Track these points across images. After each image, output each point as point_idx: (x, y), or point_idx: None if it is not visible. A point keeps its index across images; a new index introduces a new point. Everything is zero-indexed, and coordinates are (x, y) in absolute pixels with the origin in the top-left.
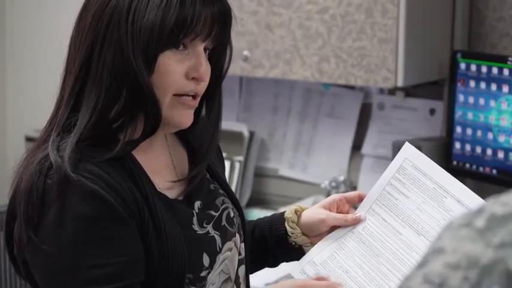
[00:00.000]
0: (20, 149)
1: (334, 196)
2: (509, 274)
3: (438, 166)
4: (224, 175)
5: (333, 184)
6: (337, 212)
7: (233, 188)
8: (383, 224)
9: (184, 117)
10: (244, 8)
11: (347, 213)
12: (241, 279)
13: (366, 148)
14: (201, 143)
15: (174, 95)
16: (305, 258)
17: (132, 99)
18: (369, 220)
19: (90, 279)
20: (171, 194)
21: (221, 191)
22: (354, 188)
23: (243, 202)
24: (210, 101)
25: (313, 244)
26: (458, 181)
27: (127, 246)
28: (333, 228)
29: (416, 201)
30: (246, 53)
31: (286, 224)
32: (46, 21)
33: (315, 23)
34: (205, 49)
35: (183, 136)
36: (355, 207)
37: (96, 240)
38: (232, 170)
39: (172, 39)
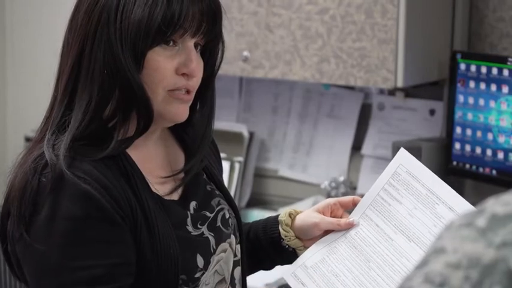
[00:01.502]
0: (20, 150)
1: (329, 200)
2: (511, 274)
3: (432, 173)
4: (221, 176)
5: (333, 184)
6: (331, 216)
7: (233, 188)
8: (375, 230)
9: (179, 111)
10: (244, 9)
11: (341, 217)
12: (237, 281)
13: (366, 149)
14: (194, 138)
15: (168, 90)
16: (297, 262)
17: (124, 97)
18: (361, 225)
19: (77, 279)
20: (166, 190)
21: (217, 192)
22: (354, 189)
23: (243, 203)
24: (203, 96)
25: (306, 247)
26: (451, 188)
27: (116, 249)
28: (326, 232)
29: (409, 207)
30: (246, 53)
31: (279, 227)
32: (46, 21)
33: (315, 24)
34: (197, 45)
35: (179, 134)
36: (349, 212)
37: (86, 241)
38: (232, 171)
39: (161, 36)
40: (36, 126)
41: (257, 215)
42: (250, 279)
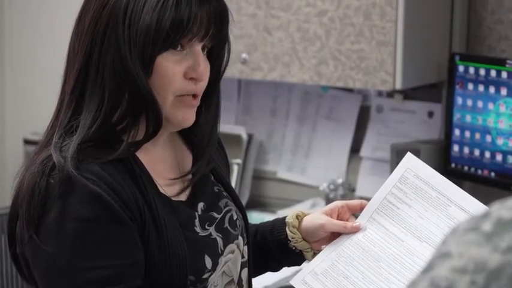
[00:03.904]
0: (19, 152)
1: (337, 203)
2: None
3: (441, 175)
4: (229, 178)
5: (331, 187)
6: (337, 219)
7: None
8: (384, 232)
9: (187, 116)
10: (242, 11)
11: (347, 221)
12: (244, 282)
13: (365, 151)
14: (202, 139)
15: (176, 96)
16: (306, 269)
17: (134, 102)
18: (369, 229)
19: (87, 280)
20: (174, 192)
21: (225, 194)
22: (352, 191)
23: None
24: (209, 98)
25: (313, 249)
26: (462, 190)
27: (126, 249)
28: (333, 234)
29: (419, 209)
30: (244, 55)
31: (286, 229)
32: (45, 24)
33: (313, 26)
34: (204, 47)
35: (186, 136)
36: (356, 216)
37: (95, 242)
38: (230, 173)
39: (169, 41)
40: (35, 128)
41: (256, 217)
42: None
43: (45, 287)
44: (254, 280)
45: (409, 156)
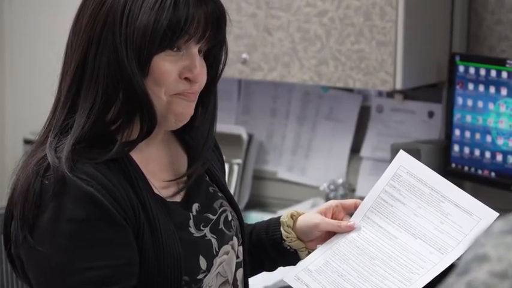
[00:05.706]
0: (19, 152)
1: (331, 202)
2: None
3: (434, 172)
4: (224, 178)
5: (332, 187)
6: (332, 218)
7: (232, 190)
8: (378, 230)
9: (184, 110)
10: (242, 11)
11: (342, 220)
12: (239, 282)
13: (365, 151)
14: (197, 141)
15: (170, 95)
16: (300, 266)
17: (128, 101)
18: (363, 227)
19: (82, 281)
20: (169, 193)
21: (220, 194)
22: (353, 191)
23: (242, 205)
24: (205, 100)
25: (307, 249)
26: (455, 186)
27: (120, 249)
28: (328, 233)
29: (413, 206)
30: (244, 55)
31: (281, 228)
32: (44, 24)
33: (313, 26)
34: (200, 50)
35: (182, 137)
36: (351, 215)
37: (90, 242)
38: (230, 173)
39: (166, 42)
40: (35, 128)
41: (256, 217)
42: (250, 281)
43: (40, 287)
44: (254, 280)
45: (401, 154)
